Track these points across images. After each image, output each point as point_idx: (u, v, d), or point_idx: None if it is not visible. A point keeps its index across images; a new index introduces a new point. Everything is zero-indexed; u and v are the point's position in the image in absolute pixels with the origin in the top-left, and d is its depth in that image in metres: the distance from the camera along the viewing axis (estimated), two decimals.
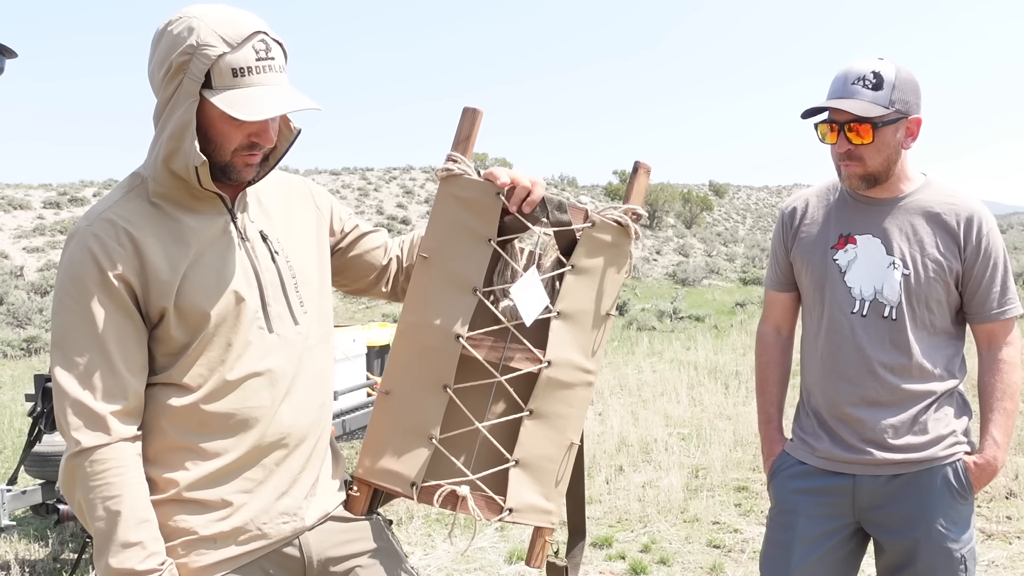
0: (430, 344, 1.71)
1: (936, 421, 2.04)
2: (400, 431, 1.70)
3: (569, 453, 1.73)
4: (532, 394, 1.71)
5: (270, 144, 1.54)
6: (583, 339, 1.74)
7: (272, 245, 1.62)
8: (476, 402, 1.72)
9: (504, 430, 1.72)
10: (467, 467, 1.71)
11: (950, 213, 2.03)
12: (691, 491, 5.15)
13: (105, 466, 1.43)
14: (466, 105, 1.78)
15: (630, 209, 1.76)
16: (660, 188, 45.51)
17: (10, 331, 14.60)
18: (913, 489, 2.03)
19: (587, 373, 1.74)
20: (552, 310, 1.73)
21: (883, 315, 2.03)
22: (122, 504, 1.43)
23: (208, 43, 1.42)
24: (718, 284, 25.06)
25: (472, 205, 1.73)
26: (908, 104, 1.98)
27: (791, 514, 2.12)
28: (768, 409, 2.28)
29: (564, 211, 1.73)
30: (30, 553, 4.46)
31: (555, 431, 1.72)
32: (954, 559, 2.02)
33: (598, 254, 1.74)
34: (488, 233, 1.73)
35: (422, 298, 1.73)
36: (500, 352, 1.72)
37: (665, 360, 10.16)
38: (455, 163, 1.74)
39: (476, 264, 1.72)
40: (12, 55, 3.00)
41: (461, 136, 1.75)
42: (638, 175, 1.79)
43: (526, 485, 1.70)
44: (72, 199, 30.92)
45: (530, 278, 1.73)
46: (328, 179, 42.50)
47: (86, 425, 1.43)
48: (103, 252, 1.45)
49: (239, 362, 1.53)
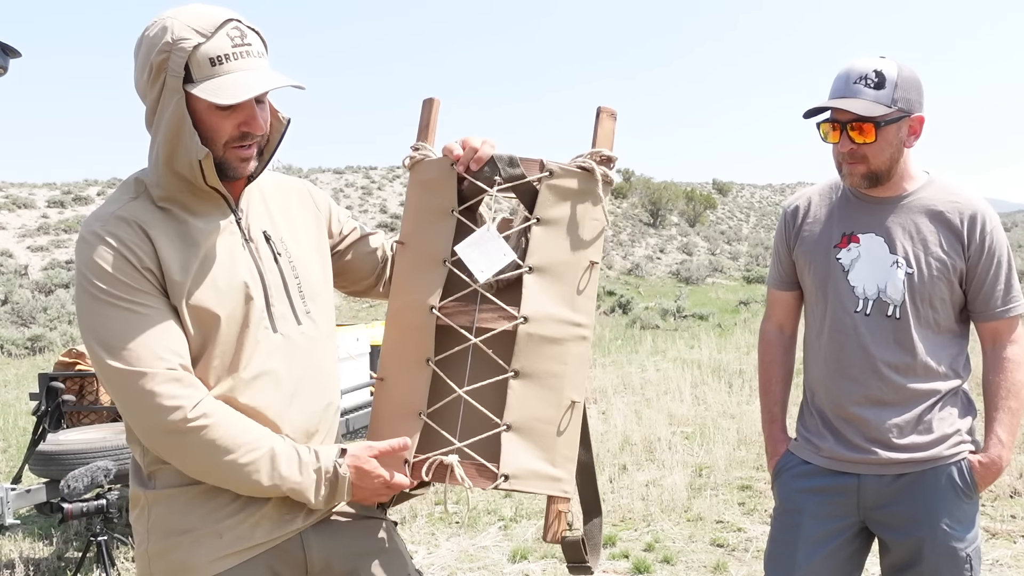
0: (411, 323, 1.71)
1: (941, 420, 2.04)
2: (395, 414, 1.70)
3: (571, 413, 1.64)
4: (514, 353, 1.65)
5: (261, 132, 1.54)
6: (564, 291, 1.67)
7: (275, 246, 1.63)
8: (458, 370, 1.69)
9: (491, 394, 1.65)
10: (455, 436, 1.66)
11: (953, 211, 2.03)
12: (695, 490, 5.15)
13: (218, 412, 1.47)
14: (425, 97, 1.83)
15: (595, 152, 1.71)
16: (664, 186, 45.44)
17: (15, 330, 14.63)
18: (918, 488, 2.02)
19: (576, 326, 1.67)
20: (523, 265, 1.68)
21: (887, 314, 2.02)
22: (251, 430, 1.49)
23: (182, 37, 1.44)
24: (722, 282, 25.04)
25: (434, 184, 1.76)
26: (910, 102, 1.98)
27: (796, 514, 2.11)
28: (772, 408, 2.27)
29: (516, 165, 1.70)
30: (35, 552, 4.48)
31: (548, 390, 1.64)
32: (959, 558, 2.01)
33: (564, 203, 1.70)
34: (450, 204, 1.73)
35: (402, 282, 1.75)
36: (472, 315, 1.69)
37: (669, 359, 10.15)
38: (416, 150, 1.79)
39: (444, 237, 1.73)
40: (16, 54, 3.01)
41: (421, 125, 1.81)
42: (601, 119, 1.74)
43: (523, 450, 1.62)
44: (76, 198, 30.98)
45: (480, 235, 1.70)
46: (331, 178, 42.53)
47: (180, 390, 1.44)
48: (126, 247, 1.46)
49: (248, 362, 1.53)
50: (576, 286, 1.68)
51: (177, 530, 1.51)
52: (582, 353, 1.67)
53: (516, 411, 1.63)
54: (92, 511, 3.40)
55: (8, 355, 12.54)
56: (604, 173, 1.70)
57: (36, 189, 33.43)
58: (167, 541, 1.52)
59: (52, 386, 4.33)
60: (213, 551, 1.51)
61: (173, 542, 1.51)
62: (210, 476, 1.50)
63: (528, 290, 1.67)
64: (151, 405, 1.43)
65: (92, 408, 4.64)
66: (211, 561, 1.51)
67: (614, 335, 12.99)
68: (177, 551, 1.51)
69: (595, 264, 1.70)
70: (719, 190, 67.24)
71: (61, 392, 4.36)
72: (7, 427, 7.49)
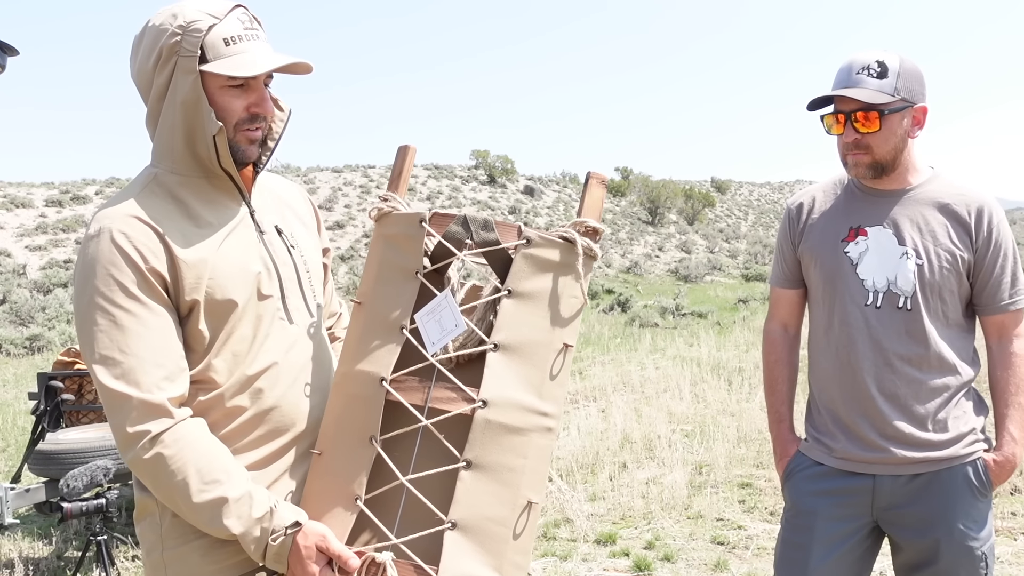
0: (358, 393, 1.53)
1: (956, 419, 2.03)
2: (329, 494, 1.51)
3: (527, 515, 1.45)
4: (468, 441, 1.45)
5: (269, 113, 1.55)
6: (532, 375, 1.48)
7: (287, 239, 1.65)
8: (404, 454, 1.50)
9: (438, 485, 1.46)
10: (392, 530, 1.47)
11: (960, 204, 2.03)
12: (695, 488, 5.15)
13: (183, 442, 1.43)
14: (400, 144, 1.70)
15: (580, 223, 1.54)
16: (662, 184, 45.48)
17: (13, 329, 14.62)
18: (934, 488, 2.01)
19: (542, 416, 1.47)
20: (488, 342, 1.49)
21: (898, 306, 2.02)
22: (215, 468, 1.43)
23: (195, 19, 1.47)
24: (720, 280, 25.05)
25: (399, 240, 1.59)
26: (913, 92, 1.99)
27: (809, 516, 2.09)
28: (779, 408, 2.26)
29: (491, 229, 1.54)
30: (34, 551, 4.47)
31: (503, 486, 1.44)
32: (975, 557, 2.01)
33: (541, 275, 1.51)
34: (415, 265, 1.57)
35: (353, 346, 1.57)
36: (426, 393, 1.50)
37: (668, 357, 10.15)
38: (385, 201, 1.64)
39: (405, 301, 1.56)
40: (14, 53, 3.00)
41: (394, 174, 1.68)
42: (590, 187, 1.57)
43: (467, 553, 1.42)
44: (74, 197, 30.95)
45: (438, 302, 1.53)
46: (330, 176, 42.52)
47: (149, 415, 1.42)
48: (134, 248, 1.45)
49: (261, 353, 1.54)
50: (547, 370, 1.49)
51: (191, 536, 1.50)
52: (545, 447, 1.48)
53: (464, 507, 1.43)
54: (91, 510, 3.40)
55: (7, 355, 12.53)
56: (587, 246, 1.53)
57: (34, 188, 33.40)
58: (183, 548, 1.51)
59: (51, 385, 4.32)
60: (225, 556, 1.50)
61: (190, 547, 1.50)
62: (170, 506, 1.47)
63: (491, 370, 1.48)
64: (118, 425, 1.43)
65: (91, 407, 4.64)
66: (220, 569, 1.51)
67: (613, 333, 13.00)
68: (193, 555, 1.50)
69: (569, 347, 1.51)
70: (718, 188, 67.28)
71: (60, 391, 4.35)
72: (6, 426, 7.48)
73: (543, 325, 1.50)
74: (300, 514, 1.47)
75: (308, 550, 1.43)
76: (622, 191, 50.24)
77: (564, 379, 1.50)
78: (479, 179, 47.46)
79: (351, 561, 1.43)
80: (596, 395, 7.99)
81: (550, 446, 1.48)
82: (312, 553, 1.43)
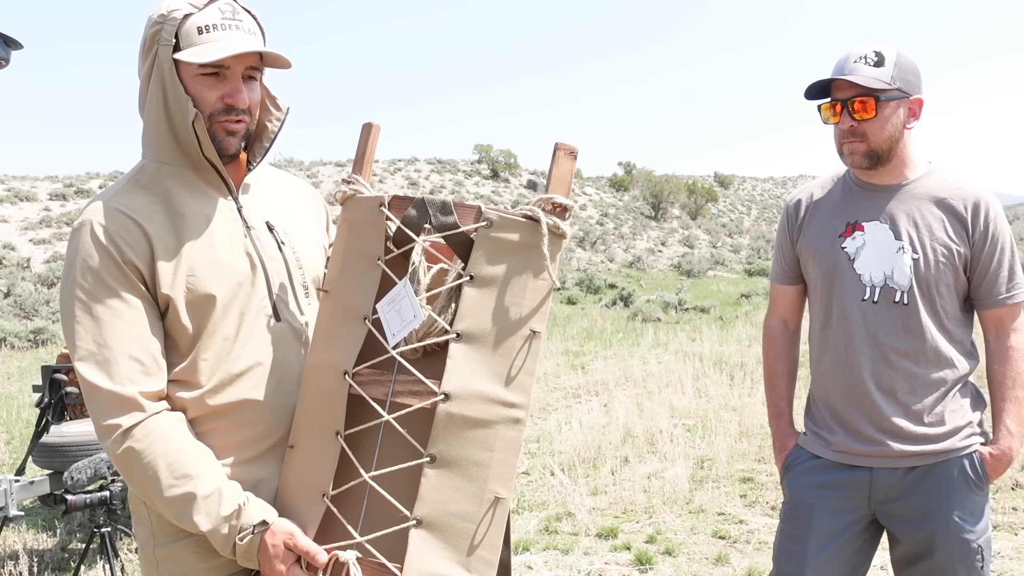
0: (324, 386, 1.49)
1: (953, 413, 2.04)
2: (299, 490, 1.49)
3: (495, 510, 1.39)
4: (431, 435, 1.40)
5: (243, 105, 1.53)
6: (498, 364, 1.41)
7: (278, 235, 1.63)
8: (368, 450, 1.46)
9: (402, 481, 1.42)
10: (356, 528, 1.43)
11: (957, 198, 2.03)
12: (696, 482, 5.16)
13: (154, 436, 1.43)
14: (364, 122, 1.61)
15: (545, 199, 1.43)
16: (665, 179, 45.42)
17: (17, 322, 14.65)
18: (930, 481, 2.03)
19: (508, 407, 1.40)
20: (451, 331, 1.43)
21: (894, 300, 2.03)
22: (186, 463, 1.43)
23: (174, 8, 1.49)
24: (723, 275, 25.04)
25: (361, 225, 1.53)
26: (909, 83, 2.01)
27: (807, 508, 2.11)
28: (779, 403, 2.27)
29: (449, 212, 1.45)
30: (38, 543, 4.49)
31: (469, 481, 1.39)
32: (971, 550, 2.02)
33: (504, 258, 1.43)
34: (376, 252, 1.51)
35: (320, 337, 1.53)
36: (388, 386, 1.46)
37: (670, 351, 10.15)
38: (348, 184, 1.58)
39: (367, 290, 1.50)
40: (18, 46, 3.00)
41: (357, 155, 1.60)
42: (557, 159, 1.44)
43: (433, 550, 1.37)
44: (78, 191, 30.99)
45: (396, 292, 1.46)
46: (333, 171, 42.51)
47: (120, 409, 1.43)
48: (112, 241, 1.45)
49: (245, 352, 1.53)
50: (512, 359, 1.41)
51: (181, 533, 1.50)
52: (513, 439, 1.41)
53: (429, 504, 1.39)
54: (95, 502, 3.42)
55: (11, 348, 12.56)
56: (554, 224, 1.42)
57: (38, 182, 33.43)
58: (174, 545, 1.51)
59: (55, 378, 4.34)
60: (216, 554, 1.50)
61: (181, 544, 1.51)
62: (146, 500, 1.49)
63: (453, 361, 1.41)
64: (94, 417, 1.45)
65: None
66: (211, 567, 1.51)
67: (615, 328, 13.00)
68: (185, 552, 1.51)
69: (537, 334, 1.43)
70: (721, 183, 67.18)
71: (64, 384, 4.37)
72: (10, 419, 7.51)
73: (508, 311, 1.42)
74: (269, 512, 1.46)
75: (276, 548, 1.43)
76: (625, 186, 50.16)
77: (532, 367, 1.42)
78: (482, 173, 47.43)
79: (319, 556, 1.42)
80: (598, 389, 7.99)
81: (518, 438, 1.42)
82: (280, 552, 1.43)
